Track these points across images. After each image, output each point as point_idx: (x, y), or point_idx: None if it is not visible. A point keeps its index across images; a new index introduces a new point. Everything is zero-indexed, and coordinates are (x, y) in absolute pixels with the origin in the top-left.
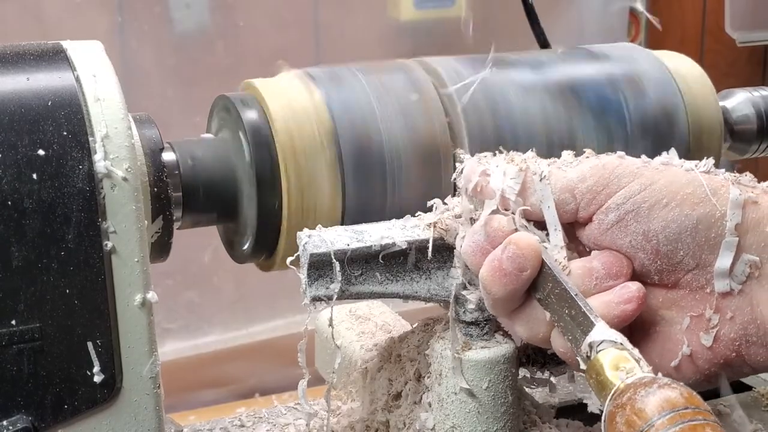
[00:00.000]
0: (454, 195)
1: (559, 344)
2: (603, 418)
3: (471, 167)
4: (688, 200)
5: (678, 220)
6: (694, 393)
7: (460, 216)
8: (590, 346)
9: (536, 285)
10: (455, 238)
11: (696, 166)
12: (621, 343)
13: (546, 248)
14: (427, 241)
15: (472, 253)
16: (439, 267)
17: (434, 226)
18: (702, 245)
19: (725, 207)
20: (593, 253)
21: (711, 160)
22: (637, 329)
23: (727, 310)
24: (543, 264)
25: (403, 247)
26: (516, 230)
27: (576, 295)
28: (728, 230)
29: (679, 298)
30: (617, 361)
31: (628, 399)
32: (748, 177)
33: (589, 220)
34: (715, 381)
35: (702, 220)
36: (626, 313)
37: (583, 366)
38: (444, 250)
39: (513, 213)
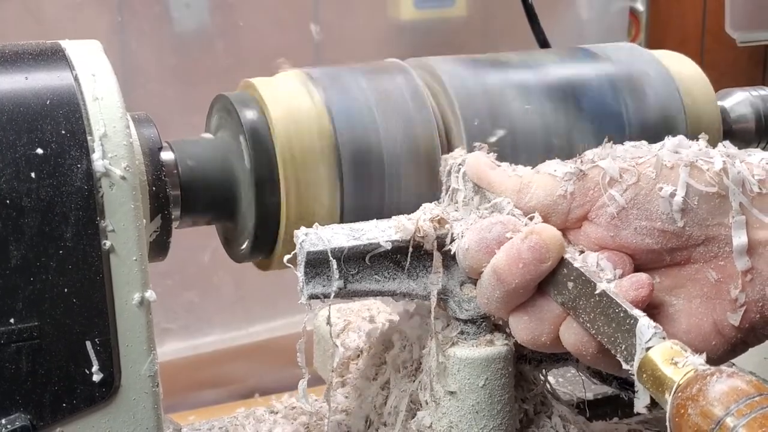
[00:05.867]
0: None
1: (573, 340)
2: (669, 412)
3: (478, 157)
4: (683, 177)
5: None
6: (760, 381)
7: (437, 218)
8: (644, 347)
9: (557, 286)
10: (432, 243)
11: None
12: (664, 336)
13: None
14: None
15: (477, 249)
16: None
17: (413, 234)
18: (706, 217)
19: (718, 176)
20: (588, 253)
21: (702, 142)
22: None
23: (746, 275)
24: (567, 265)
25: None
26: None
27: (611, 292)
28: (734, 210)
29: (694, 272)
30: (670, 355)
31: (698, 390)
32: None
33: (583, 219)
34: (740, 350)
35: (701, 192)
36: (639, 298)
37: (626, 366)
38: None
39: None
